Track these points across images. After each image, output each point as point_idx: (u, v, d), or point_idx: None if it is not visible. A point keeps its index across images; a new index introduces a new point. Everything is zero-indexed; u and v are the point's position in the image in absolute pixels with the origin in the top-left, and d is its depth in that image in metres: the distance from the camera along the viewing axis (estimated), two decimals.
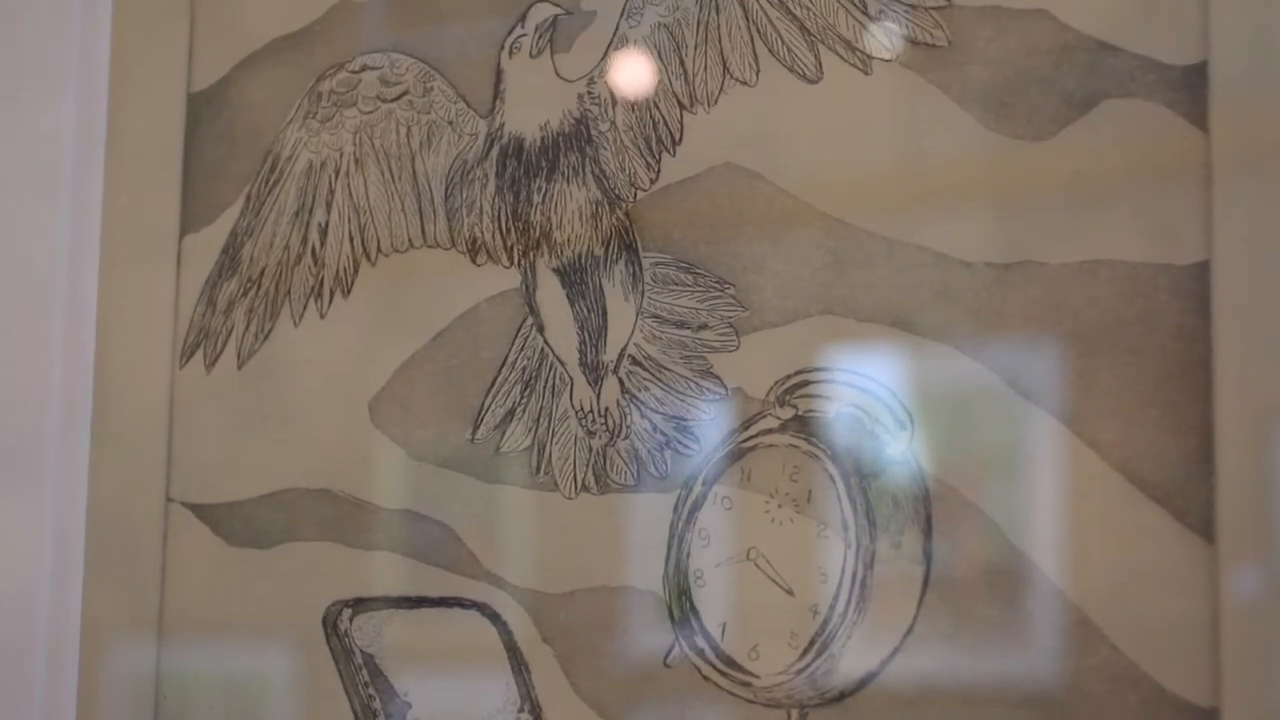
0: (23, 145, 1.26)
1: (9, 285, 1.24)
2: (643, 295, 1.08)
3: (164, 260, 1.23)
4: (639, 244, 1.08)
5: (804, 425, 1.02)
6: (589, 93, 1.11)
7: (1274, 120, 0.93)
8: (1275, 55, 0.93)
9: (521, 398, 1.11)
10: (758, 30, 1.06)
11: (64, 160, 1.25)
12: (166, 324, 1.22)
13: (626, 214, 1.09)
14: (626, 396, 1.08)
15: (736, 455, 1.04)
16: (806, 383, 1.03)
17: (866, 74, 1.03)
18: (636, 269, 1.08)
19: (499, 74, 1.14)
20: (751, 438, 1.04)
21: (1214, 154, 0.94)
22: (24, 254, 1.25)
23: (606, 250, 1.09)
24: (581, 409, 1.09)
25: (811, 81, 1.05)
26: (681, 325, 1.07)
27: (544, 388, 1.10)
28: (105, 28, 1.27)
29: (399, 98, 1.17)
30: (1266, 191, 0.93)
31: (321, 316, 1.18)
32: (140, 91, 1.26)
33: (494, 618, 1.10)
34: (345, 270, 1.17)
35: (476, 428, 1.12)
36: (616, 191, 1.09)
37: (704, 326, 1.06)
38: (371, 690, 1.13)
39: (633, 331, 1.08)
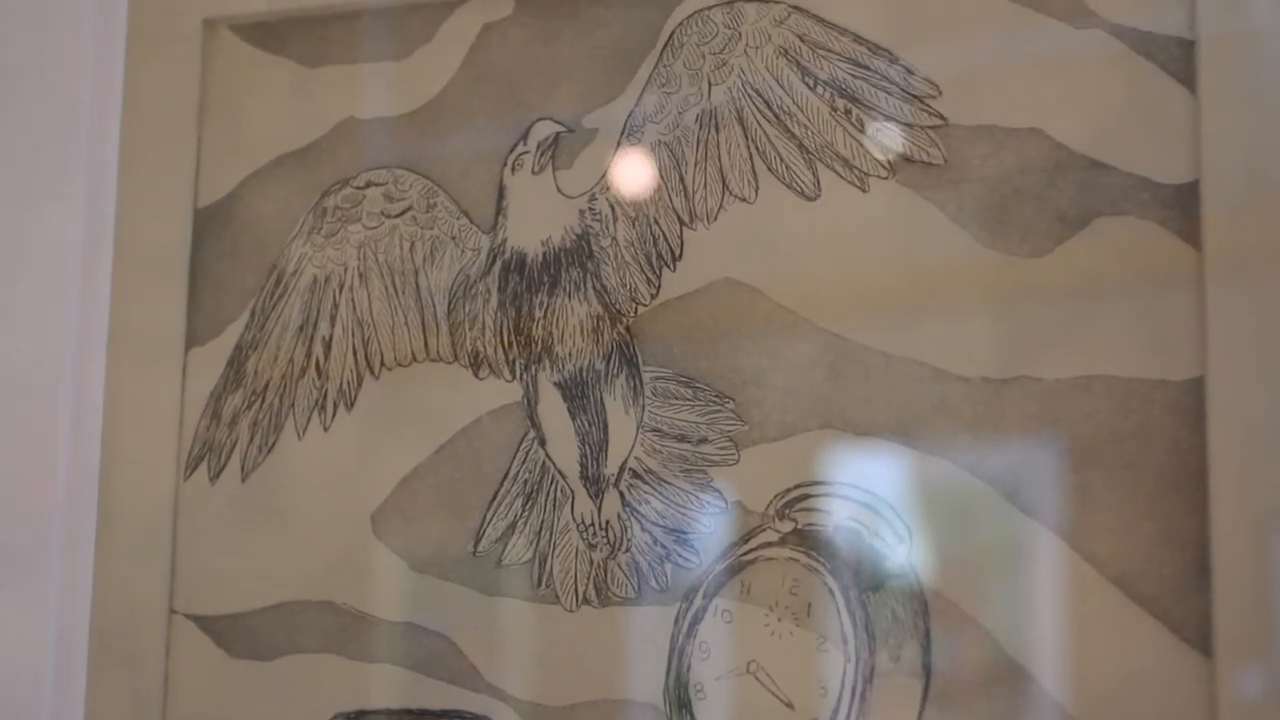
0: (31, 257, 1.27)
1: (16, 394, 1.25)
2: (643, 409, 1.09)
3: (169, 372, 1.23)
4: (639, 358, 1.09)
5: (804, 538, 1.03)
6: (590, 209, 1.12)
7: (1265, 238, 0.94)
8: (1266, 174, 0.94)
9: (523, 511, 1.11)
10: (757, 148, 1.07)
11: (71, 273, 1.25)
12: (171, 436, 1.22)
13: (627, 328, 1.10)
14: (627, 510, 1.08)
15: (737, 568, 1.04)
16: (806, 496, 1.03)
17: (864, 191, 1.05)
18: (637, 383, 1.09)
19: (501, 190, 1.15)
20: (751, 551, 1.04)
21: (1207, 271, 0.95)
22: (30, 364, 1.25)
23: (607, 364, 1.10)
24: (583, 522, 1.10)
25: (810, 198, 1.06)
26: (682, 439, 1.08)
27: (545, 501, 1.11)
28: (114, 141, 1.28)
29: (403, 213, 1.18)
30: (1259, 308, 0.94)
31: (325, 429, 1.18)
32: (147, 205, 1.26)
33: None
34: (349, 383, 1.18)
35: (478, 540, 1.12)
36: (617, 306, 1.10)
37: (704, 440, 1.07)
38: None
39: (633, 445, 1.09)
